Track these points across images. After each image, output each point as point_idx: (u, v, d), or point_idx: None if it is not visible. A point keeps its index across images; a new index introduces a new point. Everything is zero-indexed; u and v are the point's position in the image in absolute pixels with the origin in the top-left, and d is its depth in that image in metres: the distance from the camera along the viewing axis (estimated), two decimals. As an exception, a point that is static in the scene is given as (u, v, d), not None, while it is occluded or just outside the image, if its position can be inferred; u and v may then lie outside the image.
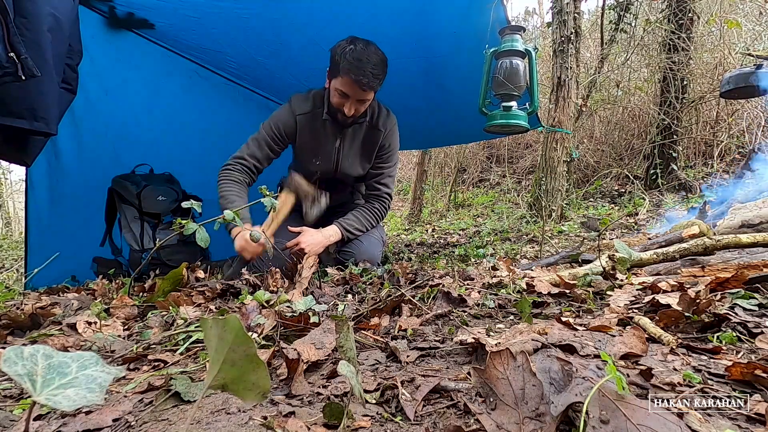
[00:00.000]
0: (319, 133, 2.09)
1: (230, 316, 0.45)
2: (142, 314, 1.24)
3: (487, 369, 0.58)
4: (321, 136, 2.10)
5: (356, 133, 2.13)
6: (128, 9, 2.25)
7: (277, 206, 1.53)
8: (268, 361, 0.77)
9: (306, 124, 2.07)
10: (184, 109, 2.88)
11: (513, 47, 2.21)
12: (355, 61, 1.79)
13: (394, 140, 2.21)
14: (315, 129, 2.08)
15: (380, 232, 2.31)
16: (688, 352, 0.71)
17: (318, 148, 2.12)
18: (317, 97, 2.07)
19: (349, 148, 2.14)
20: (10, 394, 0.75)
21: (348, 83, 1.83)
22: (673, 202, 4.22)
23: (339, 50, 1.84)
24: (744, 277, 1.00)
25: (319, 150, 2.12)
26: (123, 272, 2.30)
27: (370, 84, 1.83)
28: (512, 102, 2.26)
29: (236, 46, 2.59)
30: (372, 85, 1.84)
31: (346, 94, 1.88)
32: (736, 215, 1.67)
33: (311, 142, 2.11)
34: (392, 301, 1.11)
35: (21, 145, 1.58)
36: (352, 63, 1.79)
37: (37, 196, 2.37)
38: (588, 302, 1.06)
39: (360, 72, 1.79)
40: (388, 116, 2.17)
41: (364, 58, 1.79)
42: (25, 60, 1.32)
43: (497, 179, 7.35)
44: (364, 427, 0.55)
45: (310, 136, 2.10)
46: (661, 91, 5.04)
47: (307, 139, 2.10)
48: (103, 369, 0.44)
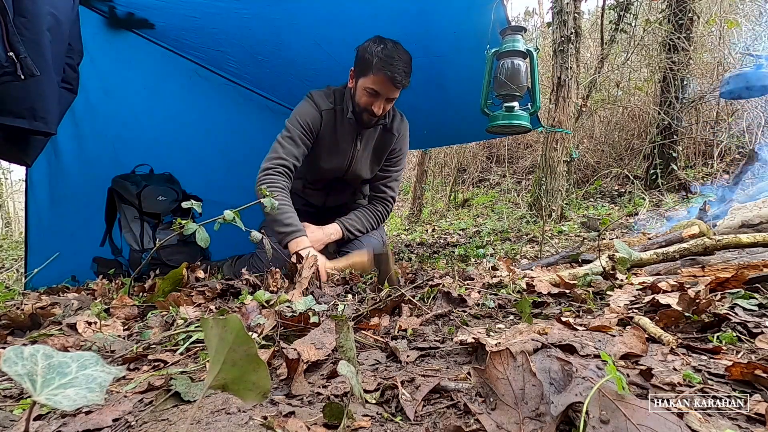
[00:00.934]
0: (340, 131, 2.07)
1: (231, 316, 0.45)
2: (142, 314, 1.24)
3: (487, 369, 0.58)
4: (341, 135, 2.08)
5: (371, 136, 2.13)
6: (128, 9, 2.25)
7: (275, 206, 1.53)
8: (268, 361, 0.77)
9: (329, 121, 2.05)
10: (184, 109, 2.87)
11: (514, 47, 2.21)
12: (388, 59, 1.81)
13: (405, 145, 2.22)
14: (336, 127, 2.06)
15: (381, 232, 2.30)
16: (688, 352, 0.71)
17: (336, 147, 2.10)
18: (338, 95, 2.06)
19: (363, 150, 2.14)
20: (10, 394, 0.75)
21: (381, 81, 1.84)
22: (673, 202, 4.22)
23: (369, 49, 1.85)
24: (744, 277, 1.00)
25: (337, 149, 2.10)
26: (123, 272, 2.30)
27: (402, 81, 1.85)
28: (514, 102, 2.26)
29: (236, 46, 2.58)
30: (404, 82, 1.86)
31: (377, 92, 1.88)
32: (736, 215, 1.67)
33: (331, 140, 2.08)
34: (392, 301, 1.11)
35: (21, 145, 1.58)
36: (385, 60, 1.81)
37: (37, 196, 2.37)
38: (588, 302, 1.06)
39: (394, 68, 1.80)
40: (402, 121, 2.18)
41: (396, 56, 1.82)
42: (24, 59, 1.32)
43: (497, 179, 7.35)
44: (364, 427, 0.55)
45: (331, 134, 2.08)
46: (661, 91, 5.04)
47: (328, 136, 2.08)
48: (103, 369, 0.44)
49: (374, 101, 1.90)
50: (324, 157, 2.12)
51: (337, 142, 2.09)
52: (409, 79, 1.89)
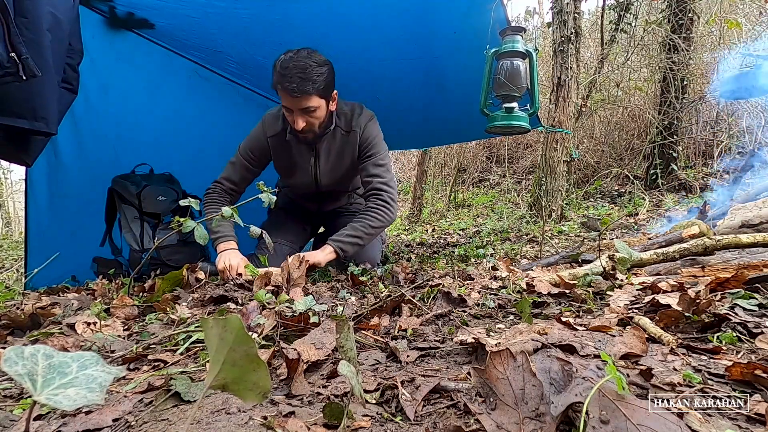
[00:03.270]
0: (293, 152, 2.02)
1: (231, 316, 0.45)
2: (142, 314, 1.24)
3: (487, 369, 0.58)
4: (295, 155, 2.03)
5: (331, 145, 2.02)
6: (128, 9, 2.25)
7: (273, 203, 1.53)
8: (268, 361, 0.77)
9: (278, 145, 2.00)
10: (184, 109, 2.87)
11: (514, 48, 2.21)
12: (282, 70, 1.71)
13: (372, 133, 2.02)
14: (287, 149, 2.01)
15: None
16: (688, 352, 0.71)
17: (294, 167, 2.06)
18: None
19: (325, 162, 2.05)
20: (10, 394, 0.75)
21: (284, 96, 1.76)
22: (673, 202, 4.22)
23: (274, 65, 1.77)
24: (744, 277, 1.00)
25: (295, 169, 2.06)
26: (123, 272, 2.30)
27: (300, 89, 1.71)
28: (513, 103, 2.26)
29: (236, 46, 2.58)
30: (304, 89, 1.71)
31: (288, 107, 1.80)
32: (736, 215, 1.67)
33: (288, 161, 2.05)
34: (392, 301, 1.11)
35: (22, 145, 1.58)
36: (279, 73, 1.72)
37: (37, 196, 2.37)
38: (588, 302, 1.06)
39: (286, 79, 1.70)
40: (361, 114, 2.02)
41: (290, 64, 1.70)
42: (26, 60, 1.31)
43: (497, 179, 7.35)
44: (364, 427, 0.55)
45: (284, 156, 2.04)
46: (661, 91, 5.04)
47: (282, 159, 2.05)
48: (103, 369, 0.44)
49: (292, 117, 1.82)
50: (289, 175, 2.10)
51: (295, 162, 2.05)
52: (310, 84, 1.72)
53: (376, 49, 2.53)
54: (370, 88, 2.88)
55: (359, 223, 1.89)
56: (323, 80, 1.76)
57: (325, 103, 1.84)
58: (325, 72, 1.77)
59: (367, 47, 2.51)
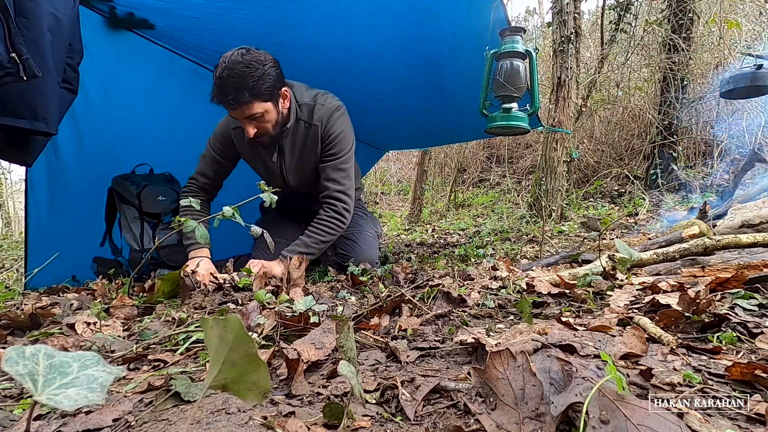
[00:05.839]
0: (256, 148, 1.89)
1: (231, 316, 0.45)
2: (142, 314, 1.24)
3: (487, 369, 0.58)
4: (259, 152, 1.91)
5: (295, 140, 1.87)
6: (128, 9, 2.25)
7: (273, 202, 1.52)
8: (268, 361, 0.77)
9: (241, 138, 1.86)
10: (184, 109, 2.87)
11: (513, 48, 2.21)
12: (217, 81, 1.60)
13: (336, 127, 1.86)
14: (250, 142, 1.84)
15: (373, 227, 2.26)
16: (688, 352, 0.71)
17: (258, 165, 1.97)
18: None
19: (291, 158, 1.91)
20: (10, 394, 0.75)
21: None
22: (673, 202, 4.22)
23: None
24: (744, 277, 1.00)
25: (263, 165, 1.96)
26: (123, 272, 2.30)
27: (238, 101, 1.59)
28: (513, 103, 2.26)
29: (236, 47, 2.58)
30: (241, 100, 1.59)
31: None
32: (736, 215, 1.67)
33: (251, 159, 1.95)
34: (392, 301, 1.11)
35: (22, 145, 1.58)
36: (215, 85, 1.61)
37: (37, 196, 2.37)
38: (588, 302, 1.06)
39: (222, 92, 1.59)
40: (324, 105, 1.86)
41: (224, 74, 1.57)
42: (26, 60, 1.32)
43: (497, 179, 7.35)
44: (364, 427, 0.55)
45: (249, 152, 1.93)
46: (661, 91, 5.04)
47: (247, 155, 1.94)
48: (104, 369, 0.44)
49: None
50: (259, 173, 2.02)
51: (259, 160, 1.96)
52: (247, 93, 1.59)
53: (376, 49, 2.53)
54: (370, 88, 2.89)
55: (309, 238, 1.81)
56: (263, 84, 1.61)
57: (272, 105, 1.71)
58: (264, 74, 1.62)
59: (368, 48, 2.51)
